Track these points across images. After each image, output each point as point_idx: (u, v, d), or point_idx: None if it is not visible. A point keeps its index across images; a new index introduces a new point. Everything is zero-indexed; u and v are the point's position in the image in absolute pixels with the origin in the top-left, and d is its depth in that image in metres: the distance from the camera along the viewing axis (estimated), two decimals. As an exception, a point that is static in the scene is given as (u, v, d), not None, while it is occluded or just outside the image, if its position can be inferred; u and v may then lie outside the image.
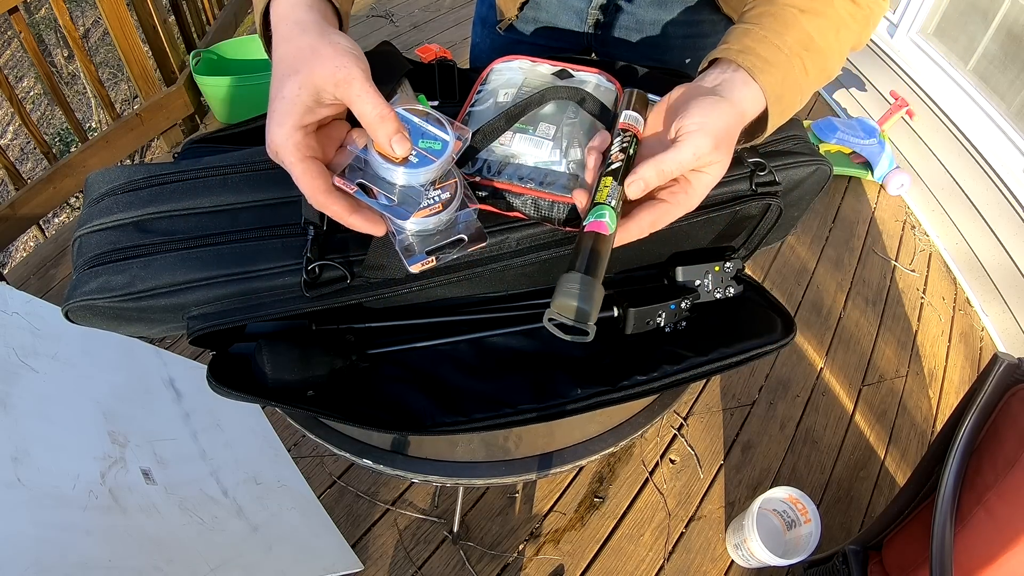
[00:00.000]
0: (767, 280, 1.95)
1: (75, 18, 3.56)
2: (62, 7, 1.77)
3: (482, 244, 0.47)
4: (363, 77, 0.38)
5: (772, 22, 0.46)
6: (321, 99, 0.39)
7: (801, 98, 0.48)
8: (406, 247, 0.45)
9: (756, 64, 0.44)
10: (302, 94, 0.38)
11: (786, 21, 0.46)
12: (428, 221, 0.44)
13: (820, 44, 0.47)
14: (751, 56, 0.44)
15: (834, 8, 0.47)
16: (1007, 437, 0.86)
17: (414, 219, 0.44)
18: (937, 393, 1.75)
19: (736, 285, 0.65)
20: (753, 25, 0.46)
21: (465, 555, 1.32)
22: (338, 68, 0.38)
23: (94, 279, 0.48)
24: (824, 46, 0.47)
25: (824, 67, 0.48)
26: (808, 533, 1.24)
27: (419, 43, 2.83)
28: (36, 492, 0.72)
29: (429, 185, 0.44)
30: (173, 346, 1.55)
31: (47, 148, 1.87)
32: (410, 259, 0.45)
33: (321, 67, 0.38)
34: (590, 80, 0.59)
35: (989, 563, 0.85)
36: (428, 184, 0.44)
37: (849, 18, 0.48)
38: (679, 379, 0.59)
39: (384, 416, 0.56)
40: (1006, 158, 1.90)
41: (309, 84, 0.38)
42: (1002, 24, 1.96)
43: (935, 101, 2.12)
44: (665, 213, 0.44)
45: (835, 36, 0.48)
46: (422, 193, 0.44)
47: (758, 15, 0.47)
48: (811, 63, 0.46)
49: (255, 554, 0.98)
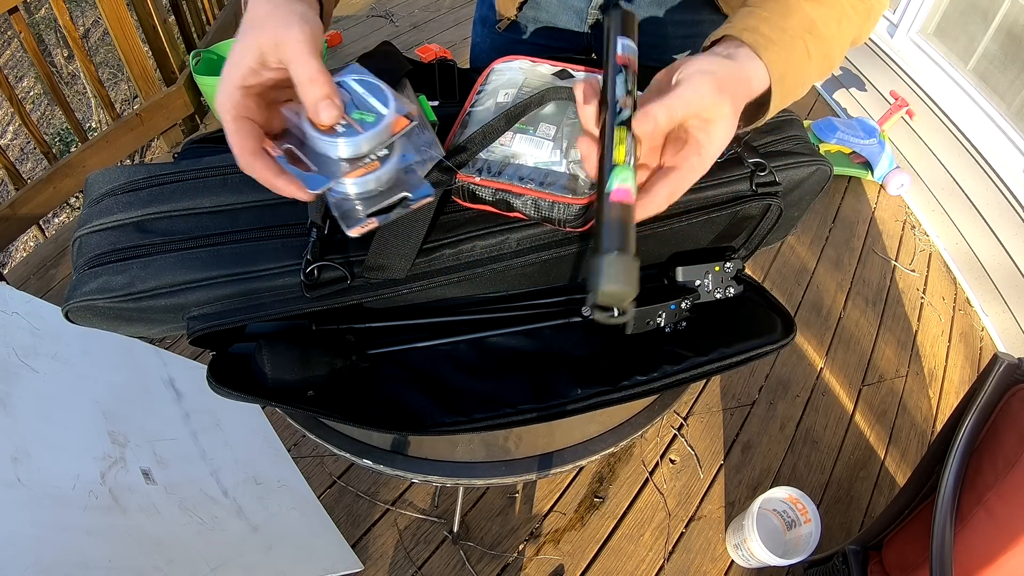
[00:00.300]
0: (767, 280, 1.95)
1: (75, 18, 3.55)
2: (62, 7, 1.77)
3: (428, 200, 0.44)
4: (303, 39, 0.38)
5: (776, 5, 0.46)
6: (265, 62, 0.39)
7: (803, 82, 0.47)
8: (345, 212, 0.43)
9: (760, 41, 0.43)
10: (246, 56, 0.39)
11: (789, 5, 0.46)
12: (367, 181, 0.42)
13: (823, 30, 0.46)
14: (755, 34, 0.44)
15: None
16: (1007, 437, 0.86)
17: (350, 179, 0.41)
18: (937, 393, 1.75)
19: (736, 285, 0.65)
20: (756, 8, 0.46)
21: (465, 555, 1.32)
22: (280, 30, 0.38)
23: (94, 279, 0.48)
24: (827, 33, 0.47)
25: (827, 54, 0.47)
26: (808, 533, 1.24)
27: (419, 43, 2.83)
28: (36, 492, 0.72)
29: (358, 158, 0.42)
30: (173, 346, 1.55)
31: (47, 148, 1.87)
32: (349, 224, 0.42)
33: (267, 31, 0.38)
34: (590, 80, 0.59)
35: (989, 563, 0.85)
36: (355, 157, 0.41)
37: (851, 9, 0.48)
38: (679, 379, 0.59)
39: (384, 416, 0.56)
40: (1006, 158, 1.90)
41: (254, 46, 0.39)
42: (1002, 24, 1.96)
43: (935, 101, 2.12)
44: (681, 180, 0.41)
45: (837, 25, 0.47)
46: (339, 163, 0.41)
47: (761, 1, 0.47)
48: (814, 47, 0.46)
49: (255, 554, 0.98)
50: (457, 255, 0.52)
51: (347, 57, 2.80)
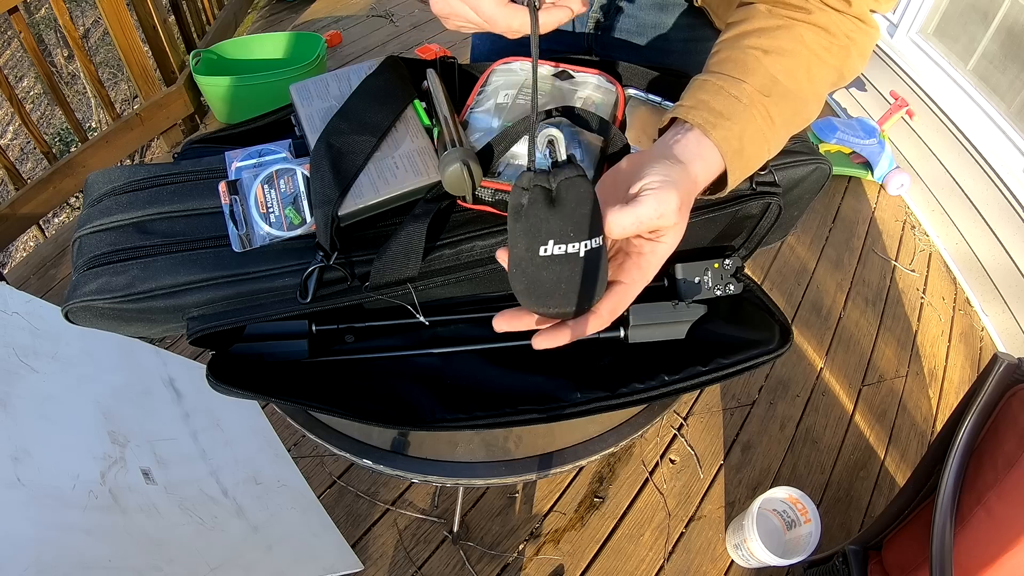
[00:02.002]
0: (767, 280, 1.95)
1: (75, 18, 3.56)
2: (62, 7, 1.77)
3: None
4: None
5: (732, 68, 0.44)
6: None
7: (768, 148, 0.45)
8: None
9: (708, 119, 0.41)
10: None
11: (747, 66, 0.43)
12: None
13: (788, 86, 0.44)
14: (703, 111, 0.42)
15: (803, 45, 0.44)
16: (1007, 437, 0.86)
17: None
18: (937, 393, 1.75)
19: (736, 283, 0.65)
20: (711, 75, 0.44)
21: (465, 555, 1.32)
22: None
23: (94, 280, 0.49)
24: (793, 88, 0.44)
25: (796, 111, 0.45)
26: (808, 533, 1.24)
27: (419, 43, 2.83)
28: (36, 492, 0.72)
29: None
30: (173, 346, 1.55)
31: (47, 148, 1.87)
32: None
33: None
34: (590, 80, 0.60)
35: (989, 563, 0.85)
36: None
37: (824, 52, 0.45)
38: (677, 388, 0.59)
39: (386, 411, 0.56)
40: (1006, 158, 1.90)
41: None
42: (1002, 24, 1.96)
43: (935, 101, 2.12)
44: (623, 296, 0.40)
45: (806, 75, 0.44)
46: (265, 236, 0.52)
47: (719, 61, 0.45)
48: (776, 109, 0.43)
49: (255, 554, 0.98)
50: (457, 255, 0.52)
51: (347, 57, 2.80)
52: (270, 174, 0.52)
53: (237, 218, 0.51)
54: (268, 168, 0.52)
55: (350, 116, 0.52)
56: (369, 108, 0.53)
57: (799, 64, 0.44)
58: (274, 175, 0.52)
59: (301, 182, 0.52)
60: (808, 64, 0.45)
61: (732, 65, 0.44)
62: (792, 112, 0.44)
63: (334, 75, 0.56)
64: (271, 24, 3.04)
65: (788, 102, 0.44)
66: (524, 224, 0.36)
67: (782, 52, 0.44)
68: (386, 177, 0.50)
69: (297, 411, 0.63)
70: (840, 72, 0.47)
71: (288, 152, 0.54)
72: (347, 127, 0.51)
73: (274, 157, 0.53)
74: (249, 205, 0.51)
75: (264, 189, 0.51)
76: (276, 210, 0.51)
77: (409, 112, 0.54)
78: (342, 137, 0.51)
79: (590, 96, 0.58)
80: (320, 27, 2.94)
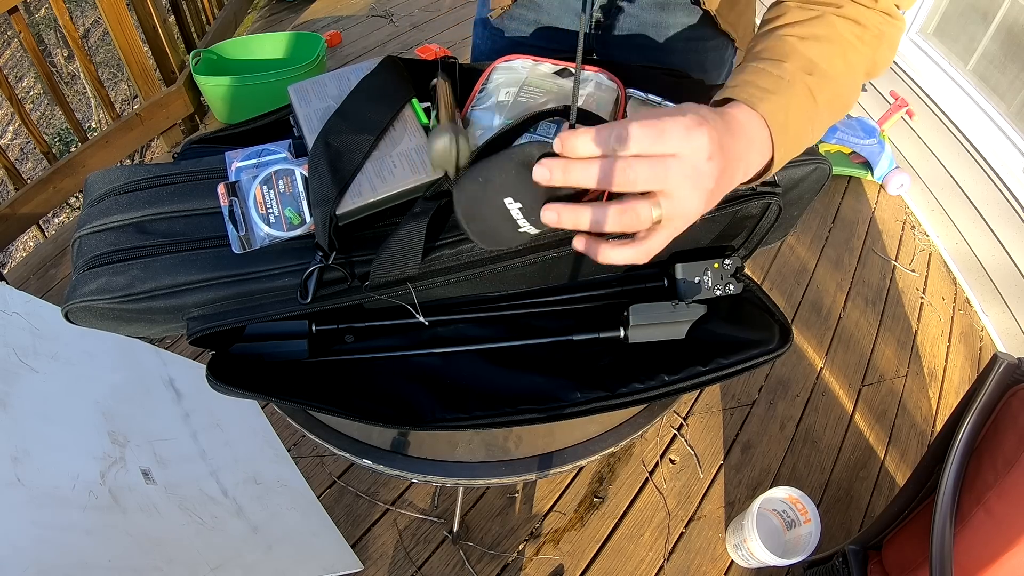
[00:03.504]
0: (767, 280, 1.95)
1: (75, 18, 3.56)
2: (62, 7, 1.77)
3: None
4: None
5: (771, 52, 0.44)
6: None
7: (812, 128, 0.44)
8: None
9: (754, 94, 0.41)
10: None
11: (785, 50, 0.44)
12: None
13: (826, 69, 0.44)
14: (748, 88, 0.42)
15: (837, 32, 0.45)
16: (1007, 437, 0.86)
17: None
18: (937, 393, 1.75)
19: (736, 282, 0.65)
20: (750, 63, 0.44)
21: (465, 555, 1.32)
22: None
23: (94, 280, 0.48)
24: (831, 71, 0.44)
25: (837, 93, 0.45)
26: (808, 533, 1.24)
27: (419, 43, 2.83)
28: (36, 492, 0.72)
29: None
30: (173, 346, 1.55)
31: (47, 148, 1.87)
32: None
33: None
34: (591, 78, 0.60)
35: (989, 563, 0.85)
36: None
37: (856, 40, 0.46)
38: (677, 388, 0.59)
39: (385, 410, 0.56)
40: (1006, 158, 1.90)
41: None
42: (1002, 24, 1.96)
43: (935, 101, 2.12)
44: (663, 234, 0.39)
45: (843, 60, 0.45)
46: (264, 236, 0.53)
47: (757, 51, 0.46)
48: (818, 89, 0.43)
49: (255, 554, 0.98)
50: (457, 255, 0.52)
51: (347, 57, 2.80)
52: (268, 175, 0.52)
53: (237, 219, 0.51)
54: (267, 169, 0.52)
55: (348, 115, 0.52)
56: (367, 107, 0.53)
57: (836, 50, 0.45)
58: (272, 176, 0.52)
59: (300, 182, 0.52)
60: (844, 50, 0.45)
61: (771, 51, 0.45)
62: (832, 94, 0.45)
63: (332, 75, 0.56)
64: (271, 24, 3.04)
65: (828, 84, 0.44)
66: (513, 176, 0.39)
67: (818, 38, 0.45)
68: (384, 175, 0.50)
69: (297, 411, 0.63)
70: (873, 60, 0.48)
71: (288, 152, 0.54)
72: (345, 126, 0.51)
73: (274, 157, 0.53)
74: (248, 206, 0.51)
75: (263, 190, 0.51)
76: (275, 211, 0.51)
77: (407, 111, 0.54)
78: (340, 136, 0.51)
79: (591, 94, 0.58)
80: (320, 27, 2.94)
